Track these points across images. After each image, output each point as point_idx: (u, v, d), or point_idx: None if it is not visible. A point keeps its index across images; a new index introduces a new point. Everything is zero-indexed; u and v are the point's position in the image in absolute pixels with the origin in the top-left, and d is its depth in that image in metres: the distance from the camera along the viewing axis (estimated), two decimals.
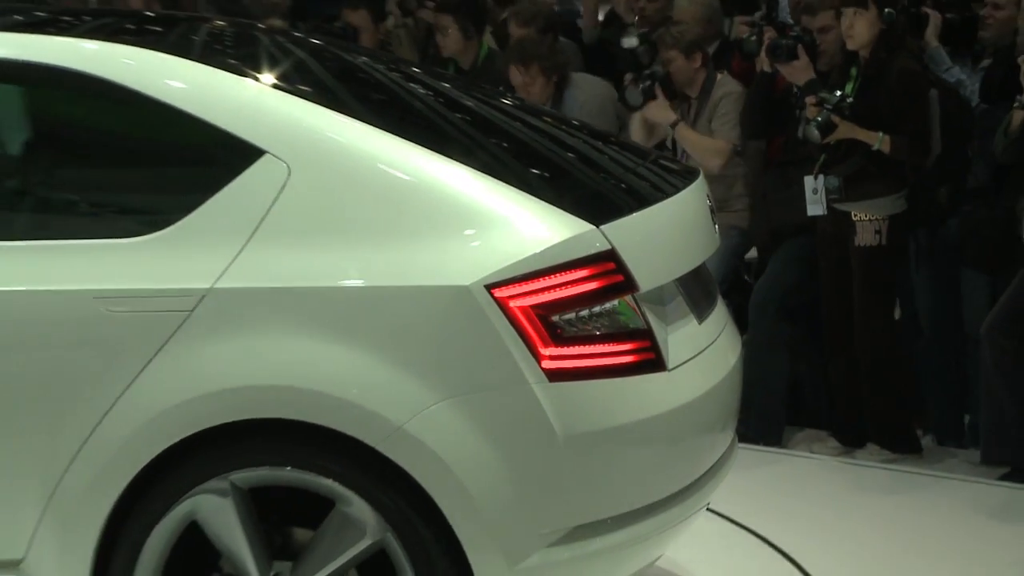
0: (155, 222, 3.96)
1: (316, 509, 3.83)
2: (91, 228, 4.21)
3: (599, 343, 3.68)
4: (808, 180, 6.45)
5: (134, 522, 3.88)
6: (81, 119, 4.59)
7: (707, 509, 4.82)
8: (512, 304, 3.56)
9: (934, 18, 7.27)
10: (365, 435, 3.66)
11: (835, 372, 6.89)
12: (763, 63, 6.90)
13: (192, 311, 3.76)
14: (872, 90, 6.41)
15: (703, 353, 4.07)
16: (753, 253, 7.59)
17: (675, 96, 7.22)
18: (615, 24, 9.25)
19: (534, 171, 4.19)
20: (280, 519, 3.98)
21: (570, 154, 4.71)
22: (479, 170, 3.83)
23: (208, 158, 4.12)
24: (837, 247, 6.55)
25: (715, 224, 4.52)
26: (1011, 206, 6.32)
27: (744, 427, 6.25)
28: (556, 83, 7.50)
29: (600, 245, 3.63)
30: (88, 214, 4.39)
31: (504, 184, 3.78)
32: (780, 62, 6.61)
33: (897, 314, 7.04)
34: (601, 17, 9.73)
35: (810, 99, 6.29)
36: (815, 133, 6.27)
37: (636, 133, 7.37)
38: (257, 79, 4.17)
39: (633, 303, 3.68)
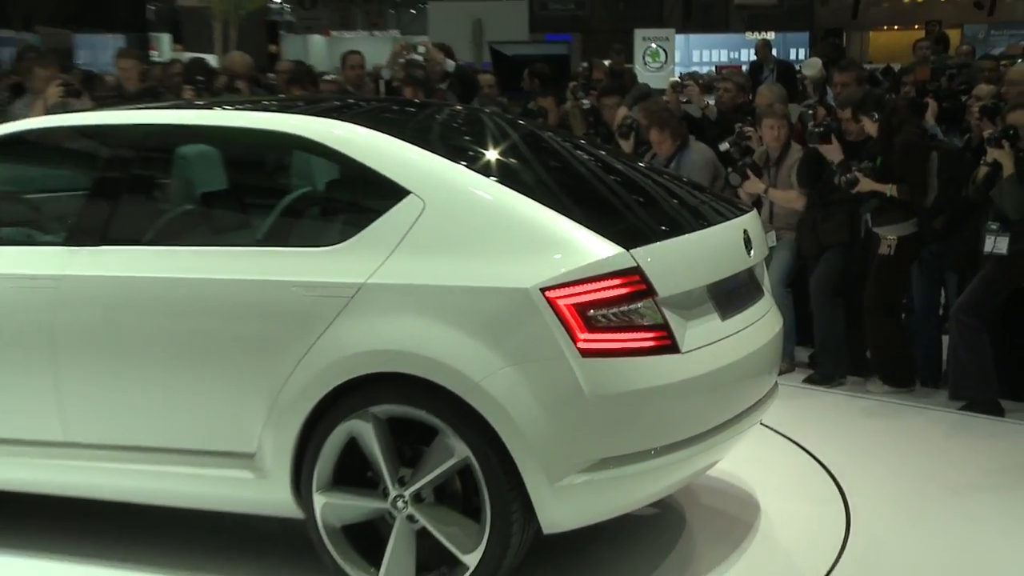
0: (337, 238, 4.83)
1: (431, 436, 4.54)
2: (298, 240, 5.13)
3: (624, 332, 4.36)
4: (863, 212, 7.70)
5: (317, 432, 4.65)
6: (303, 168, 5.64)
7: (764, 426, 6.03)
8: (558, 302, 4.29)
9: (932, 106, 8.60)
10: (455, 387, 4.40)
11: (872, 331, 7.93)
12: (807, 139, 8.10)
13: (352, 297, 4.59)
14: (885, 157, 7.54)
15: (720, 341, 4.72)
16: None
17: (759, 174, 8.26)
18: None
19: (593, 209, 4.83)
20: (411, 441, 4.65)
21: (631, 197, 5.33)
22: (551, 207, 4.57)
23: (375, 195, 4.85)
24: (868, 260, 7.76)
25: (750, 248, 5.09)
26: (976, 228, 7.50)
27: (815, 372, 8.00)
28: (679, 145, 8.72)
29: (628, 263, 4.35)
30: (296, 231, 5.31)
31: (565, 218, 4.49)
32: (817, 143, 7.83)
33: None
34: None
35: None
36: (846, 186, 7.57)
37: (744, 197, 8.18)
38: (416, 142, 4.91)
39: (654, 304, 4.38)
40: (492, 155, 5.19)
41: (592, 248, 4.39)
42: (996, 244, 7.12)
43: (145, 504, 5.17)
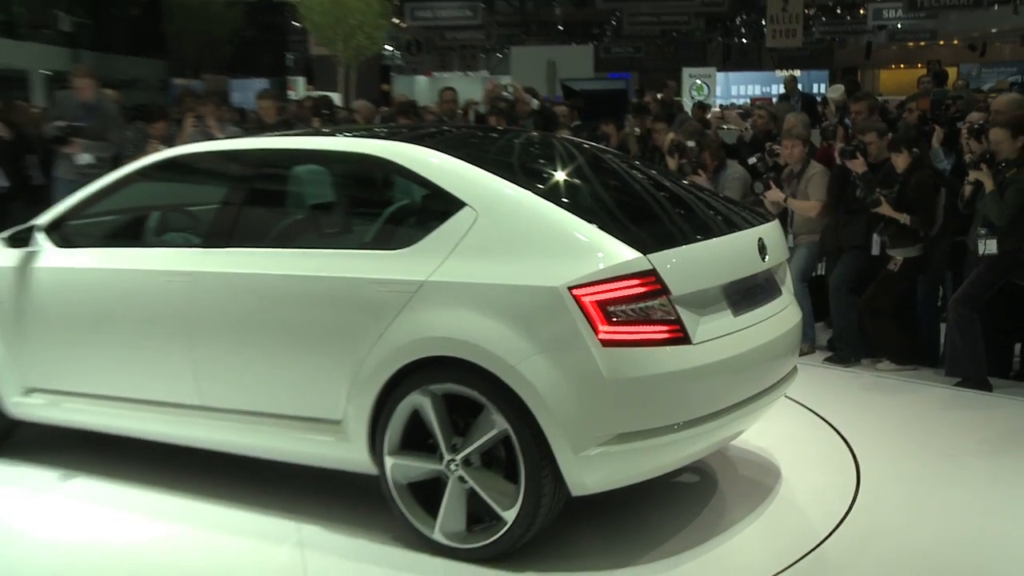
0: (406, 242, 4.81)
1: (478, 411, 4.50)
2: (376, 244, 5.14)
3: (640, 325, 4.27)
4: (875, 236, 7.69)
5: (388, 404, 4.66)
6: (382, 185, 5.54)
7: (789, 398, 5.97)
8: (583, 299, 4.23)
9: (938, 132, 8.75)
10: (496, 369, 4.36)
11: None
12: (837, 156, 8.04)
13: (415, 292, 4.59)
14: (903, 188, 7.48)
15: (732, 334, 4.60)
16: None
17: (780, 185, 8.17)
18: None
19: (621, 218, 4.78)
20: (462, 414, 4.60)
21: (659, 208, 5.25)
22: (582, 217, 4.51)
23: (439, 207, 4.78)
24: (882, 264, 7.70)
25: (765, 254, 4.94)
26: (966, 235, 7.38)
27: (834, 354, 7.92)
28: (717, 165, 8.72)
29: (645, 267, 4.27)
30: (376, 236, 5.27)
31: (594, 226, 4.43)
32: (846, 159, 7.77)
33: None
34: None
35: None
36: (868, 204, 7.53)
37: (768, 204, 8.18)
38: (474, 162, 4.87)
39: (668, 302, 4.31)
40: (537, 172, 5.17)
41: (614, 252, 4.33)
42: (987, 246, 7.01)
43: (256, 457, 5.28)
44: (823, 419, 6.50)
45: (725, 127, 11.67)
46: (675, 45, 45.09)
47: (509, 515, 4.41)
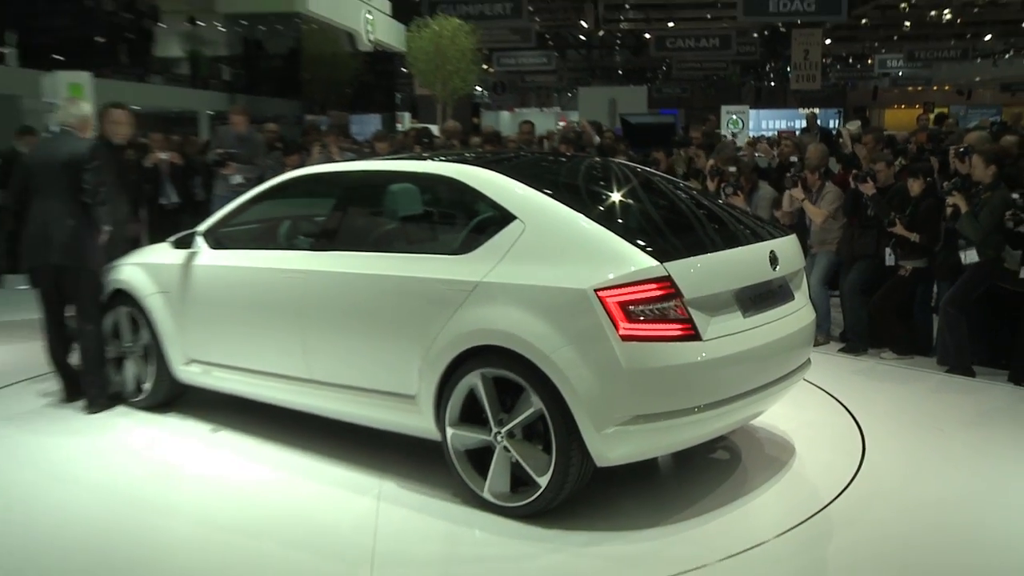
0: (468, 248, 4.73)
1: (520, 392, 4.43)
2: (439, 249, 5.08)
3: (656, 323, 4.14)
4: (888, 249, 7.52)
5: (449, 384, 4.62)
6: (451, 201, 5.35)
7: (807, 381, 6.09)
8: (606, 300, 4.12)
9: (935, 163, 8.60)
10: (533, 357, 4.29)
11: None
12: (851, 181, 7.90)
13: (472, 291, 4.53)
14: (916, 212, 7.36)
15: (740, 333, 4.43)
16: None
17: (807, 191, 8.13)
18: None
19: (645, 231, 4.65)
20: (509, 394, 4.51)
21: (683, 223, 5.05)
22: (611, 230, 4.37)
23: (495, 220, 4.69)
24: (889, 272, 7.57)
25: (776, 264, 4.75)
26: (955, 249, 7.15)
27: (846, 345, 7.74)
28: (751, 186, 8.62)
29: (661, 273, 4.16)
30: (445, 243, 5.17)
31: (620, 239, 4.31)
32: (859, 184, 7.68)
33: None
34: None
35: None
36: (885, 224, 7.44)
37: (785, 203, 8.36)
38: (525, 181, 4.75)
39: (681, 304, 4.18)
40: (580, 191, 5.05)
41: (635, 260, 4.22)
42: (968, 256, 6.94)
43: (348, 422, 5.33)
44: (836, 399, 6.42)
45: (757, 155, 11.50)
46: (715, 87, 44.85)
47: (543, 480, 4.36)
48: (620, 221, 4.63)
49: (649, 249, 4.26)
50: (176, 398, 6.37)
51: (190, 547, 4.40)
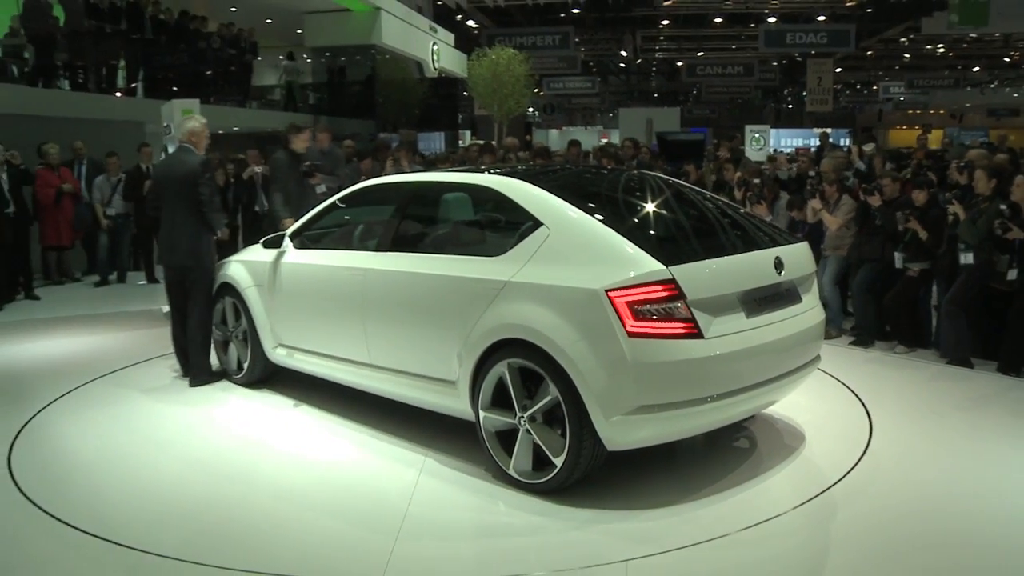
0: (500, 251, 4.60)
1: (540, 381, 4.33)
2: (478, 251, 4.91)
3: (661, 322, 3.99)
4: (896, 253, 7.34)
5: (481, 372, 4.54)
6: (490, 208, 5.19)
7: (821, 370, 6.01)
8: (616, 300, 3.99)
9: (934, 177, 8.17)
10: (551, 350, 4.18)
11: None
12: (860, 193, 7.87)
13: (501, 289, 4.44)
14: (923, 218, 7.15)
15: (742, 332, 4.22)
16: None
17: (825, 199, 7.97)
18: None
19: (656, 236, 4.46)
20: (532, 383, 4.42)
21: (694, 229, 4.84)
22: (623, 235, 4.22)
23: (525, 226, 4.56)
24: (897, 273, 7.37)
25: (781, 270, 4.53)
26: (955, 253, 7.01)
27: (856, 338, 7.55)
28: (773, 196, 8.67)
29: (666, 276, 4.02)
30: (478, 247, 5.04)
31: (632, 244, 4.16)
32: (867, 196, 7.65)
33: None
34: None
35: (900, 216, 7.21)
36: (900, 217, 7.23)
37: (809, 214, 8.12)
38: (553, 191, 4.61)
39: (684, 305, 4.03)
40: (603, 200, 4.89)
41: (643, 264, 4.07)
42: (966, 258, 6.81)
43: (400, 402, 5.31)
44: (846, 386, 6.32)
45: (776, 169, 11.39)
46: (739, 108, 44.46)
47: (558, 461, 4.26)
48: (635, 228, 4.46)
49: (657, 254, 4.12)
50: (270, 376, 6.48)
51: (261, 511, 4.40)
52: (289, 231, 6.18)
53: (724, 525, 4.02)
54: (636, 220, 4.65)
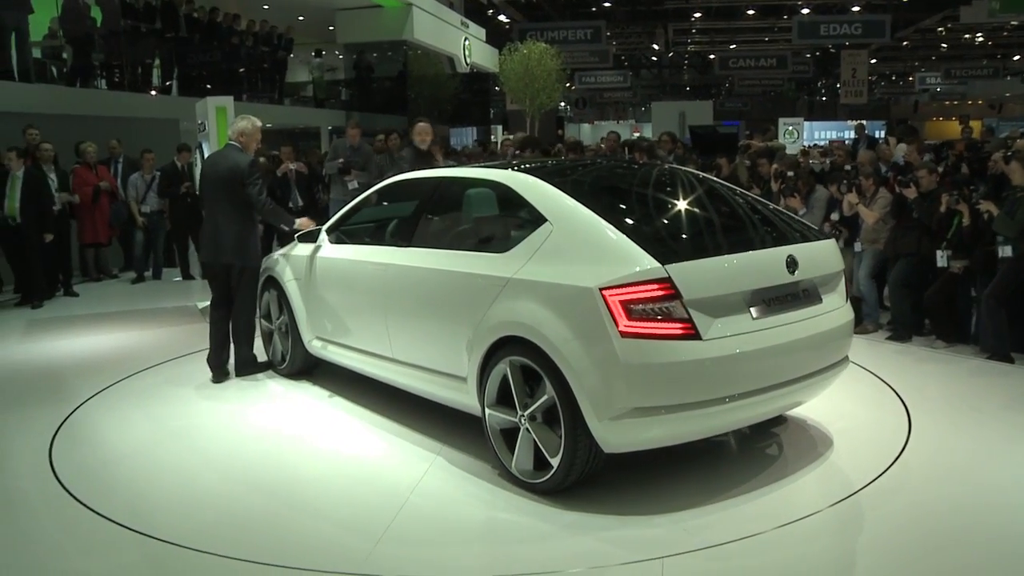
0: (504, 248, 4.55)
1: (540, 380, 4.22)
2: (483, 247, 4.83)
3: (656, 322, 3.83)
4: (939, 251, 7.22)
5: (488, 365, 4.48)
6: (501, 203, 5.09)
7: (858, 365, 6.19)
8: (610, 298, 3.84)
9: (966, 170, 8.31)
10: (547, 348, 4.08)
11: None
12: (895, 186, 7.79)
13: (504, 286, 4.37)
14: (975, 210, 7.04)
15: (747, 334, 4.02)
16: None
17: (862, 195, 7.85)
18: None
19: (657, 233, 4.28)
20: (535, 381, 4.30)
21: (700, 226, 4.62)
22: (623, 232, 4.08)
23: (531, 221, 4.50)
24: (932, 268, 7.28)
25: (794, 269, 4.28)
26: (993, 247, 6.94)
27: (892, 333, 7.47)
28: (808, 189, 8.30)
29: (661, 275, 3.85)
30: (487, 243, 4.90)
31: (630, 241, 4.01)
32: (903, 189, 7.56)
33: None
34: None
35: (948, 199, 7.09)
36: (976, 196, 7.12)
37: (845, 207, 7.96)
38: (559, 187, 4.51)
39: (680, 304, 3.85)
40: (611, 195, 4.80)
41: (639, 262, 3.91)
42: (1004, 251, 6.73)
43: (416, 395, 5.33)
44: (884, 381, 6.22)
45: (811, 160, 11.38)
46: (772, 101, 44.05)
47: (555, 461, 4.17)
48: (639, 225, 4.31)
49: (654, 251, 3.96)
50: (313, 367, 6.59)
51: (283, 505, 4.44)
52: (327, 225, 6.25)
53: (758, 523, 3.97)
54: (642, 217, 4.51)
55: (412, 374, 5.20)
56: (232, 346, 6.63)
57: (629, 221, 4.32)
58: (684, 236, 4.42)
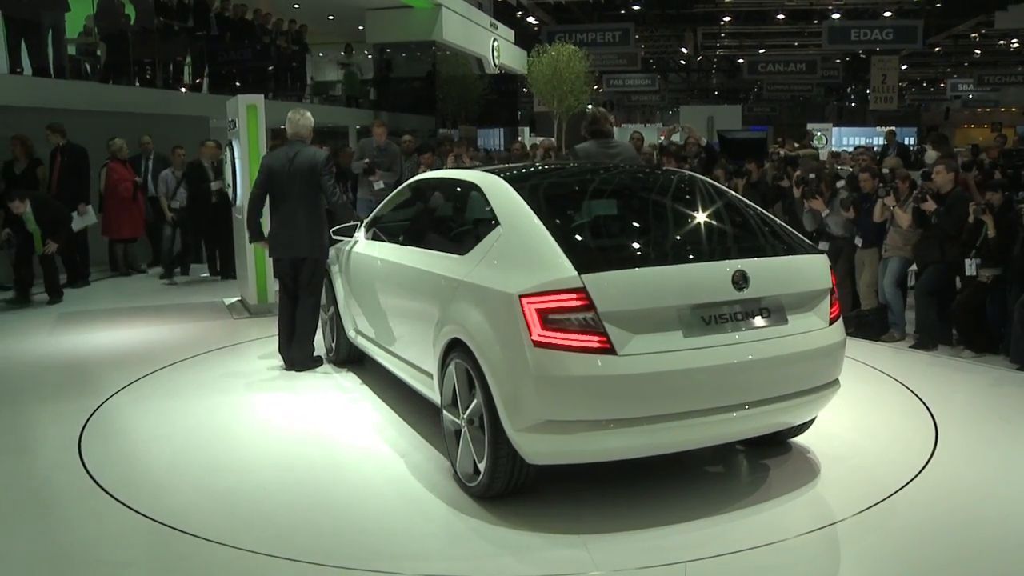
0: (466, 249, 4.49)
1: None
2: (447, 249, 4.79)
3: (569, 332, 3.68)
4: (968, 260, 7.19)
5: (445, 363, 4.43)
6: (473, 205, 4.99)
7: (883, 372, 6.30)
8: (527, 305, 3.73)
9: (999, 175, 8.11)
10: (476, 352, 4.03)
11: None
12: (913, 201, 7.58)
13: (456, 288, 4.35)
14: (1001, 221, 7.03)
15: (674, 352, 3.77)
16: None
17: (897, 198, 7.70)
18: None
19: (588, 242, 4.18)
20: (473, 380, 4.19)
21: (643, 236, 4.44)
22: (556, 238, 3.97)
23: (490, 223, 4.41)
24: (968, 280, 7.29)
25: (742, 286, 3.94)
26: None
27: (917, 341, 7.39)
28: (831, 192, 8.23)
29: (576, 284, 3.70)
30: (454, 244, 4.84)
31: (559, 246, 3.90)
32: (919, 204, 7.50)
33: None
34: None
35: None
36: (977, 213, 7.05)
37: (876, 212, 7.78)
38: (519, 191, 4.42)
39: (596, 316, 3.68)
40: (567, 201, 4.68)
41: (557, 270, 3.78)
42: None
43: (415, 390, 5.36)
44: (909, 389, 6.16)
45: (839, 167, 11.16)
46: (801, 106, 43.78)
47: (482, 467, 4.11)
48: (577, 232, 4.21)
49: (577, 260, 3.80)
50: (362, 356, 6.67)
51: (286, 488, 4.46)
52: (364, 222, 6.42)
53: (782, 530, 3.94)
54: (588, 225, 4.42)
55: (405, 369, 5.32)
56: (297, 339, 6.72)
57: (572, 229, 4.26)
58: (619, 246, 4.26)
